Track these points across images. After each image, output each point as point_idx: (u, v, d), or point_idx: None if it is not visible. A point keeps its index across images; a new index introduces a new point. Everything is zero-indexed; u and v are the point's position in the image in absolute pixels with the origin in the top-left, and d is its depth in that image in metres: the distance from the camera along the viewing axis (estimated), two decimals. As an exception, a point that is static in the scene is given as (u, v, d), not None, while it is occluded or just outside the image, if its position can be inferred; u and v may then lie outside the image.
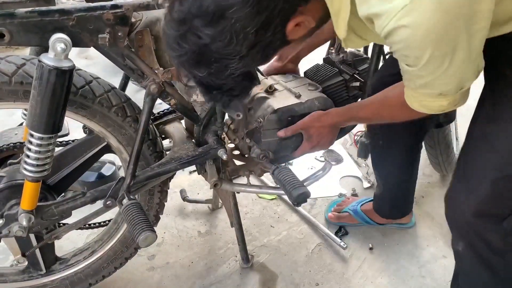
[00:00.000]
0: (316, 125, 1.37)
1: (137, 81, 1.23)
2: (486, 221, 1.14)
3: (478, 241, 1.19)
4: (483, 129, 1.12)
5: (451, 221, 1.25)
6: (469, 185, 1.16)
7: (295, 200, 1.30)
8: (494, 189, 1.09)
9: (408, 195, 1.84)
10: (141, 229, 1.16)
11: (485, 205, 1.13)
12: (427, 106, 1.02)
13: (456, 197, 1.21)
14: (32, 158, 1.13)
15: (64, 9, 1.03)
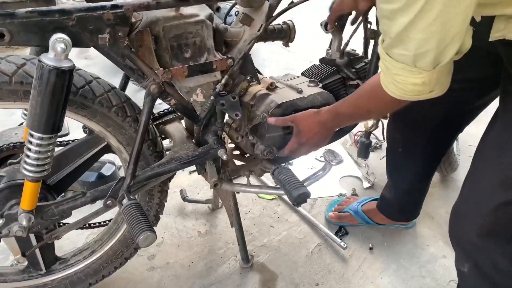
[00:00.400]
0: (307, 121, 1.33)
1: (137, 81, 1.23)
2: (493, 242, 1.13)
3: (485, 262, 1.18)
4: (493, 152, 1.09)
5: (455, 240, 1.24)
6: (475, 206, 1.14)
7: (295, 200, 1.30)
8: (501, 211, 1.08)
9: (419, 202, 1.84)
10: (141, 229, 1.16)
11: (490, 227, 1.11)
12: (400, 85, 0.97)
13: (461, 216, 1.19)
14: (32, 158, 1.13)
15: (64, 9, 1.03)
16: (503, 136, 1.07)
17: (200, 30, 1.23)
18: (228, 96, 1.30)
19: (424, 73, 0.92)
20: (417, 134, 1.55)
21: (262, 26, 1.28)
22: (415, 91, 0.96)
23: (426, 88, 0.95)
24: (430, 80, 0.93)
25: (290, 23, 1.49)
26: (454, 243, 1.25)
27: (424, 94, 0.97)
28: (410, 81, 0.94)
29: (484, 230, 1.12)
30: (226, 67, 1.29)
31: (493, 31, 0.98)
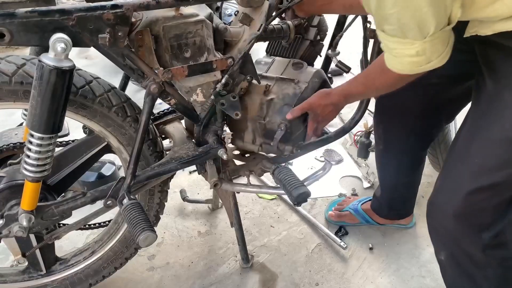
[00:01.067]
0: (322, 103, 1.37)
1: (137, 81, 1.23)
2: (465, 230, 1.17)
3: (459, 252, 1.22)
4: (464, 141, 1.15)
5: (431, 229, 1.29)
6: (447, 194, 1.18)
7: (295, 200, 1.30)
8: (470, 199, 1.11)
9: (407, 199, 1.84)
10: (141, 229, 1.16)
11: (462, 214, 1.15)
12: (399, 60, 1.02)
13: (436, 205, 1.23)
14: (32, 158, 1.13)
15: (64, 9, 1.03)
16: (472, 128, 1.13)
17: (200, 29, 1.23)
18: (228, 96, 1.30)
19: (416, 43, 0.96)
20: (397, 128, 1.57)
21: (262, 25, 1.28)
22: (413, 62, 1.01)
23: (422, 58, 0.99)
24: (423, 49, 0.97)
25: (290, 22, 1.49)
26: (431, 233, 1.30)
27: (423, 65, 1.01)
28: (406, 53, 0.99)
29: (456, 218, 1.16)
30: (226, 67, 1.29)
31: (468, 28, 1.05)
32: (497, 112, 1.05)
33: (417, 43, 0.96)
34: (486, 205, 1.12)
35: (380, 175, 1.82)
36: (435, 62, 1.01)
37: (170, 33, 1.20)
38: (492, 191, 1.09)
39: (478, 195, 1.10)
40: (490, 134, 1.06)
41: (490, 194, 1.10)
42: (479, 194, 1.10)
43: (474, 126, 1.12)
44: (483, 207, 1.12)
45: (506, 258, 1.20)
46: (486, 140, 1.07)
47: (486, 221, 1.14)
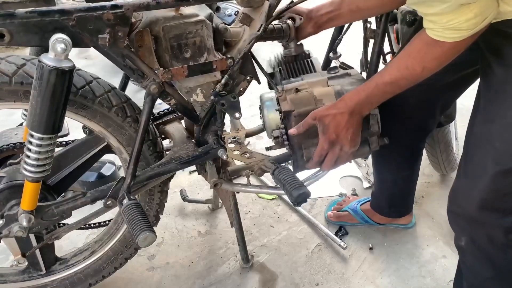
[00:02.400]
0: (331, 112, 1.22)
1: (137, 81, 1.23)
2: (489, 215, 1.16)
3: (481, 236, 1.21)
4: (481, 127, 1.14)
5: (453, 216, 1.26)
6: (471, 180, 1.17)
7: (295, 200, 1.30)
8: (495, 183, 1.11)
9: (407, 196, 1.84)
10: (140, 229, 1.16)
11: (487, 199, 1.14)
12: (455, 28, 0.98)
13: (459, 192, 1.22)
14: (32, 159, 1.13)
15: (64, 9, 1.03)
16: (489, 113, 1.12)
17: (200, 30, 1.23)
18: (228, 96, 1.30)
19: (472, 5, 0.94)
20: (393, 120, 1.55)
21: (262, 26, 1.28)
22: (471, 25, 0.98)
23: (479, 18, 0.97)
24: (480, 9, 0.95)
25: (290, 22, 1.48)
26: (452, 220, 1.28)
27: (479, 24, 0.98)
28: (464, 19, 0.96)
29: (480, 204, 1.15)
30: (226, 67, 1.29)
31: None
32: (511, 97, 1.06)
33: (472, 5, 0.94)
34: (511, 190, 1.11)
35: (378, 171, 1.80)
36: (489, 18, 0.99)
37: (170, 33, 1.20)
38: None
39: (502, 179, 1.10)
40: (508, 118, 1.06)
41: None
42: (504, 178, 1.10)
43: (489, 112, 1.12)
44: (509, 191, 1.12)
45: None
46: (505, 125, 1.07)
47: (510, 206, 1.14)
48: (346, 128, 1.23)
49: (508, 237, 1.17)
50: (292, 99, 1.30)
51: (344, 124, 1.22)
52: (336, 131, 1.23)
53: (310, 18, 1.41)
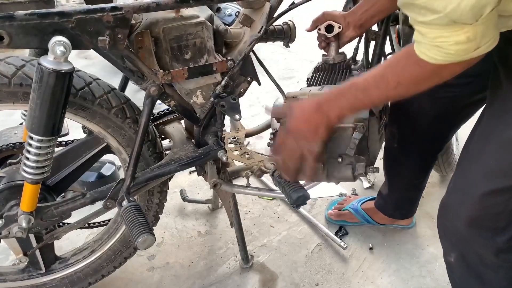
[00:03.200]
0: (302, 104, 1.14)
1: (137, 83, 1.23)
2: (478, 233, 1.13)
3: (470, 253, 1.19)
4: (477, 143, 1.11)
5: (442, 230, 1.24)
6: (462, 196, 1.15)
7: (294, 202, 1.29)
8: (485, 201, 1.08)
9: (414, 201, 1.83)
10: (139, 231, 1.16)
11: (476, 217, 1.11)
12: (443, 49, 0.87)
13: (449, 207, 1.20)
14: (31, 161, 1.13)
15: (64, 12, 1.03)
16: (487, 128, 1.08)
17: (200, 31, 1.23)
18: (228, 98, 1.30)
19: (467, 27, 0.83)
20: (413, 128, 1.54)
21: (262, 27, 1.28)
22: (460, 50, 0.86)
23: (472, 45, 0.86)
24: (475, 34, 0.84)
25: (290, 23, 1.48)
26: (442, 234, 1.25)
27: (470, 52, 0.87)
28: (453, 40, 0.85)
29: (470, 221, 1.13)
30: (226, 69, 1.29)
31: None
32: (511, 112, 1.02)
33: (467, 27, 0.83)
34: (502, 209, 1.08)
35: (390, 174, 1.78)
36: (483, 48, 0.88)
37: (170, 34, 1.20)
38: (508, 194, 1.06)
39: (493, 198, 1.07)
40: (504, 135, 1.02)
41: (507, 197, 1.06)
42: (494, 197, 1.07)
43: (488, 126, 1.08)
44: (499, 211, 1.08)
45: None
46: (501, 142, 1.03)
47: (501, 225, 1.11)
48: (305, 120, 1.12)
49: (499, 257, 1.14)
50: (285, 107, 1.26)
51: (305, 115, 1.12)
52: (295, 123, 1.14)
53: (348, 22, 1.39)
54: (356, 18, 1.38)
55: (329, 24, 1.38)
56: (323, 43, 1.43)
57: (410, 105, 1.40)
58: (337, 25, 1.37)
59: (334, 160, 1.25)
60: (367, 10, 1.38)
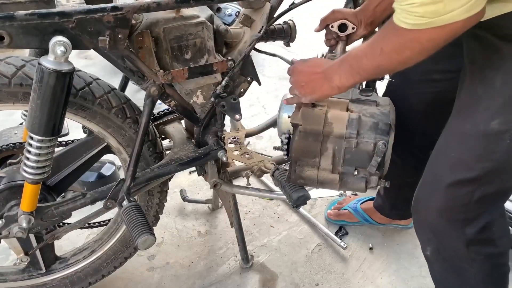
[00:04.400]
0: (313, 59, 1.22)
1: (137, 83, 1.22)
2: (448, 225, 1.16)
3: (444, 246, 1.21)
4: (442, 137, 1.15)
5: (417, 224, 1.27)
6: (430, 189, 1.18)
7: (294, 202, 1.30)
8: (450, 193, 1.11)
9: (410, 200, 1.83)
10: (140, 232, 1.16)
11: (444, 209, 1.14)
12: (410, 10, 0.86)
13: (419, 200, 1.22)
14: (31, 161, 1.13)
15: (64, 12, 1.02)
16: (450, 123, 1.12)
17: (201, 31, 1.23)
18: (228, 98, 1.30)
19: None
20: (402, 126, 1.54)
21: (263, 27, 1.28)
22: (428, 12, 0.85)
23: (439, 6, 0.83)
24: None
25: (291, 22, 1.48)
26: (417, 229, 1.27)
27: (441, 15, 0.84)
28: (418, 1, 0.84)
29: (439, 212, 1.15)
30: (226, 69, 1.29)
31: None
32: (470, 106, 1.05)
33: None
34: (468, 200, 1.11)
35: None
36: (458, 12, 0.84)
37: (171, 34, 1.20)
38: (473, 185, 1.08)
39: (458, 189, 1.10)
40: (464, 129, 1.06)
41: (471, 189, 1.09)
42: (459, 188, 1.10)
43: (452, 121, 1.12)
44: (465, 202, 1.11)
45: (493, 255, 1.20)
46: (462, 135, 1.08)
47: (469, 216, 1.13)
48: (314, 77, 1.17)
49: (470, 249, 1.16)
50: (304, 113, 1.24)
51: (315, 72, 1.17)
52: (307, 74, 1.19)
53: (360, 20, 1.37)
54: (367, 15, 1.37)
55: (343, 23, 1.36)
56: (332, 41, 1.42)
57: (398, 103, 1.40)
58: (351, 25, 1.36)
59: (350, 172, 1.25)
60: (378, 5, 1.35)
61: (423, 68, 1.34)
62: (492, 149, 1.03)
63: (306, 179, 1.27)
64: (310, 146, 1.23)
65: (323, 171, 1.25)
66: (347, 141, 1.21)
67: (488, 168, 1.06)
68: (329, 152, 1.23)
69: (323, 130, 1.21)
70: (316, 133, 1.22)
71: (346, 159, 1.23)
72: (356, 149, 1.22)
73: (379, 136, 1.21)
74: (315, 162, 1.25)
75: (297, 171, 1.27)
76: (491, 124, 1.01)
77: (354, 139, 1.20)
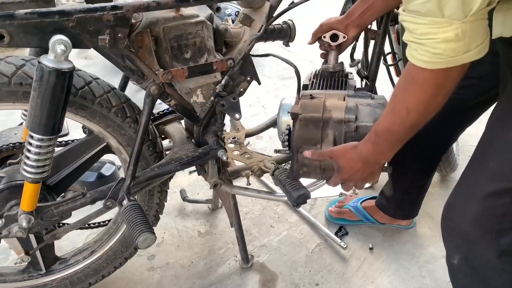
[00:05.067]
0: (346, 157, 1.22)
1: (137, 82, 1.23)
2: (482, 235, 1.13)
3: (475, 255, 1.18)
4: (482, 146, 1.13)
5: (447, 231, 1.24)
6: (465, 197, 1.16)
7: (295, 201, 1.30)
8: (487, 203, 1.09)
9: (416, 202, 1.83)
10: (140, 230, 1.16)
11: (479, 218, 1.12)
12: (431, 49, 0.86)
13: (453, 207, 1.20)
14: (31, 160, 1.13)
15: (64, 10, 1.03)
16: (490, 132, 1.10)
17: (200, 30, 1.23)
18: (228, 97, 1.30)
19: (455, 24, 0.82)
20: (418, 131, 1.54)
21: (262, 26, 1.28)
22: (448, 50, 0.85)
23: (460, 45, 0.84)
24: (463, 32, 0.83)
25: (290, 22, 1.48)
26: (446, 236, 1.25)
27: (460, 54, 0.85)
28: (441, 37, 0.84)
29: (473, 221, 1.13)
30: (226, 68, 1.29)
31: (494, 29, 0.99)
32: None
33: (456, 24, 0.82)
34: (505, 211, 1.08)
35: (393, 176, 1.77)
36: (473, 53, 0.86)
37: (170, 34, 1.20)
38: (511, 196, 1.06)
39: (495, 200, 1.07)
40: (505, 138, 1.03)
41: (509, 200, 1.06)
42: (496, 199, 1.07)
43: (492, 128, 1.10)
44: (502, 212, 1.08)
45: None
46: (503, 143, 1.04)
47: (504, 227, 1.11)
48: (360, 174, 1.23)
49: (502, 260, 1.14)
50: (303, 104, 1.28)
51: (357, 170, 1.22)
52: (349, 173, 1.23)
53: (346, 25, 1.43)
54: (354, 19, 1.42)
55: (334, 33, 1.42)
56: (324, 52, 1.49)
57: None
58: (342, 35, 1.42)
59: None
60: (364, 11, 1.40)
61: None
62: None
63: (309, 166, 1.29)
64: (311, 133, 1.26)
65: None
66: (347, 125, 1.24)
67: None
68: (330, 138, 1.26)
69: (322, 116, 1.25)
70: (316, 120, 1.25)
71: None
72: (356, 133, 1.24)
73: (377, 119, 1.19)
74: (316, 149, 1.27)
75: (299, 159, 1.29)
76: None
77: (353, 123, 1.24)
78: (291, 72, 1.54)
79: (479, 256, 1.17)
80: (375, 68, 1.54)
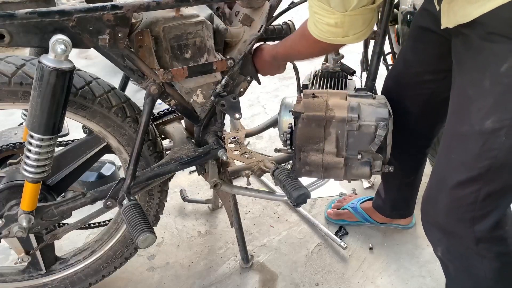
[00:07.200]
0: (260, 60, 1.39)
1: (137, 82, 1.23)
2: (457, 225, 1.18)
3: (455, 246, 1.23)
4: (444, 138, 1.18)
5: (426, 226, 1.29)
6: (436, 191, 1.21)
7: (295, 201, 1.30)
8: (455, 194, 1.14)
9: (409, 200, 1.83)
10: (140, 230, 1.16)
11: (451, 209, 1.16)
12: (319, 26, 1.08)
13: (428, 202, 1.25)
14: (32, 159, 1.13)
15: (64, 10, 1.03)
16: (448, 125, 1.16)
17: (200, 30, 1.23)
18: (228, 97, 1.30)
19: (337, 14, 1.03)
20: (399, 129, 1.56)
21: (262, 26, 1.28)
22: (330, 32, 1.08)
23: (339, 30, 1.06)
24: (342, 22, 1.04)
25: (290, 23, 1.48)
26: (427, 231, 1.29)
27: (339, 37, 1.08)
28: (325, 21, 1.06)
29: (447, 213, 1.17)
30: (226, 68, 1.29)
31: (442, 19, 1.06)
32: (464, 107, 1.08)
33: (338, 14, 1.03)
34: (474, 199, 1.12)
35: (382, 176, 1.80)
36: (351, 38, 1.09)
37: (170, 34, 1.20)
38: (476, 184, 1.10)
39: (462, 189, 1.12)
40: (461, 130, 1.09)
41: (476, 188, 1.10)
42: (463, 189, 1.12)
43: (448, 123, 1.16)
44: (472, 200, 1.13)
45: (503, 253, 1.20)
46: (459, 136, 1.10)
47: (477, 214, 1.14)
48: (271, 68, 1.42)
49: (480, 247, 1.17)
50: (305, 103, 1.29)
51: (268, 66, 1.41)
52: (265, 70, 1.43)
53: None
54: None
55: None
56: None
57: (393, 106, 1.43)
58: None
59: (354, 157, 1.29)
60: None
61: (414, 71, 1.38)
62: (489, 147, 1.05)
63: (312, 164, 1.30)
64: (314, 132, 1.27)
65: (328, 155, 1.29)
66: (349, 124, 1.25)
67: (488, 166, 1.07)
68: (332, 136, 1.27)
69: (325, 115, 1.26)
70: (319, 119, 1.26)
71: (350, 143, 1.28)
72: (358, 132, 1.26)
73: (380, 118, 1.26)
74: (319, 147, 1.28)
75: (302, 158, 1.30)
76: (486, 123, 1.03)
77: (355, 122, 1.25)
78: (291, 72, 1.54)
79: (459, 245, 1.21)
80: (375, 68, 1.54)
